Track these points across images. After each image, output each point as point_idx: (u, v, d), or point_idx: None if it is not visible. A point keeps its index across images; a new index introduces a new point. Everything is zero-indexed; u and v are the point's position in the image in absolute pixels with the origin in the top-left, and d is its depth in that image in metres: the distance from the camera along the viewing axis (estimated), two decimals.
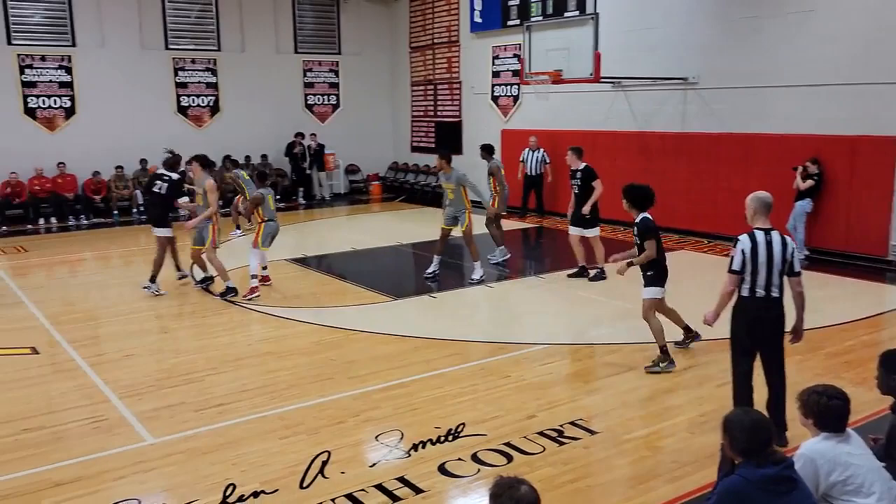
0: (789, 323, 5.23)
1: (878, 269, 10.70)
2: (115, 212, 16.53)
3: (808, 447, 3.62)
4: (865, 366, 6.95)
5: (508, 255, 11.44)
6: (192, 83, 18.03)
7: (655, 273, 6.77)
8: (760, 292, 5.03)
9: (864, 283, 10.08)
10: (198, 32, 18.01)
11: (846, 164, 11.13)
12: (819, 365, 6.77)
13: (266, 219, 9.87)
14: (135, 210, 16.60)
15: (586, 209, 9.95)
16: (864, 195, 10.97)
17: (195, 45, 17.97)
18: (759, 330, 5.13)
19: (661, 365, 6.73)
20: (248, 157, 18.40)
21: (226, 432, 5.63)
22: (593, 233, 10.07)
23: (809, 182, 11.13)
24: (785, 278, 5.09)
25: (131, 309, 9.36)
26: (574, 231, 10.16)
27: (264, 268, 10.09)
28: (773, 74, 11.94)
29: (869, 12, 10.77)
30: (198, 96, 18.15)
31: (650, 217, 6.73)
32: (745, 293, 5.08)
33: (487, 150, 11.75)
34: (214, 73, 18.24)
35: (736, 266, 5.02)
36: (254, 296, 9.45)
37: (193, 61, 17.97)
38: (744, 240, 5.04)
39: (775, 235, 5.06)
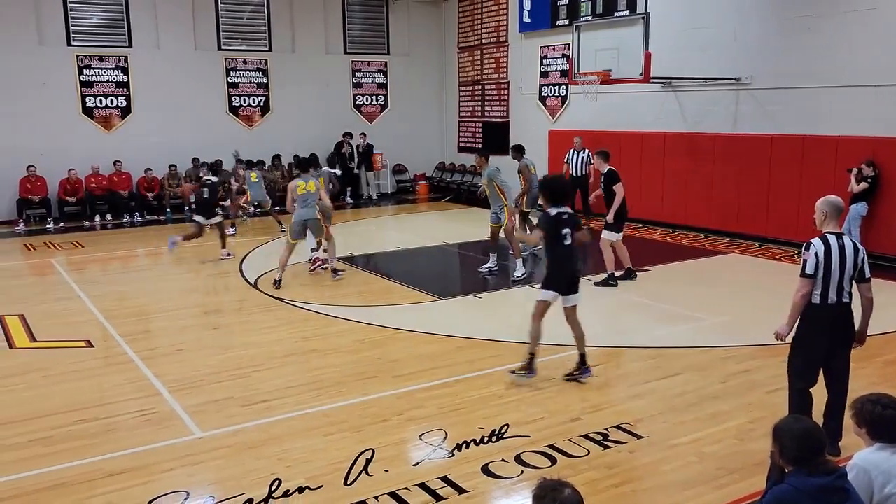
0: None
1: None
2: (168, 209, 16.90)
3: (862, 457, 3.52)
4: None
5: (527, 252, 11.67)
6: (244, 83, 18.35)
7: (548, 274, 6.49)
8: (833, 298, 4.88)
9: None
10: (249, 33, 18.33)
11: None
12: (875, 373, 6.58)
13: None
14: (186, 208, 16.94)
15: (610, 217, 9.86)
16: None
17: (247, 46, 18.29)
18: (834, 338, 4.98)
19: (518, 372, 6.53)
20: (296, 157, 18.61)
21: (271, 428, 5.71)
22: (609, 236, 9.89)
23: (863, 185, 10.81)
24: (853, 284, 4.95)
25: (182, 304, 9.57)
26: (604, 234, 10.06)
27: (313, 249, 11.02)
28: (830, 75, 11.63)
29: None
30: (249, 96, 18.46)
31: (552, 213, 6.35)
32: (816, 300, 4.89)
33: (518, 150, 11.97)
34: (265, 73, 18.54)
35: (809, 270, 4.84)
36: (315, 266, 10.84)
37: (245, 62, 18.29)
38: (817, 243, 4.87)
39: (847, 240, 4.91)
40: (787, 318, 5.01)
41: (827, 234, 4.92)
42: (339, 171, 14.49)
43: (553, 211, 6.39)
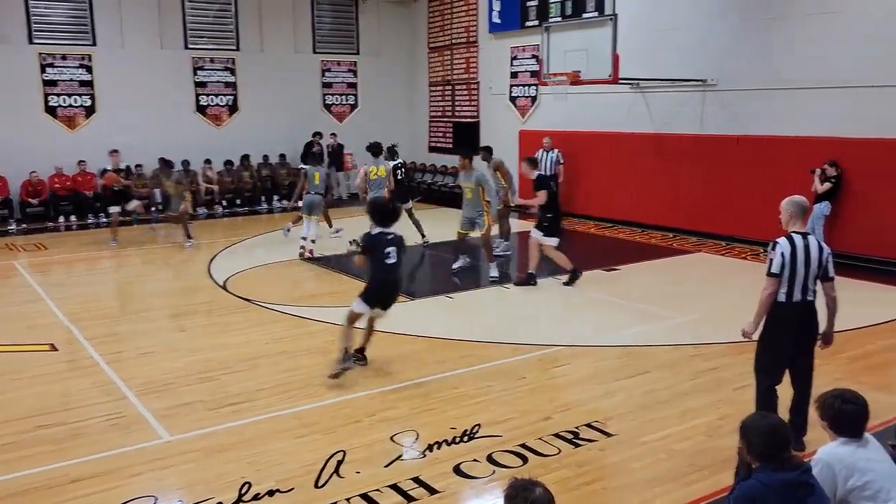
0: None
1: None
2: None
3: (826, 452, 3.59)
4: (886, 370, 6.89)
5: (510, 252, 12.04)
6: (211, 82, 18.15)
7: (366, 287, 6.76)
8: (798, 297, 4.96)
9: (883, 286, 9.99)
10: (217, 32, 18.13)
11: (866, 166, 11.00)
12: (839, 369, 6.70)
13: (308, 192, 12.09)
14: (153, 209, 16.70)
15: (513, 202, 11.13)
16: (884, 198, 10.83)
17: (214, 45, 18.10)
18: (799, 335, 5.07)
19: (336, 374, 6.55)
20: (265, 157, 18.52)
21: (241, 431, 5.66)
22: (549, 241, 9.96)
23: (827, 185, 11.02)
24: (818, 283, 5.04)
25: (149, 307, 9.45)
26: (535, 234, 10.13)
27: (313, 241, 11.90)
28: (793, 76, 11.81)
29: (892, 13, 10.64)
30: (216, 95, 18.26)
31: (374, 232, 6.75)
32: (782, 299, 4.97)
33: (488, 151, 12.46)
34: (233, 72, 18.36)
35: (776, 269, 4.92)
36: (306, 254, 11.73)
37: (212, 60, 18.10)
38: (783, 243, 4.95)
39: (812, 240, 5.00)
40: (753, 316, 5.09)
41: (792, 234, 5.00)
42: (400, 161, 13.50)
43: (375, 230, 6.75)
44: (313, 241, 11.92)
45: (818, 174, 11.08)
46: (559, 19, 15.31)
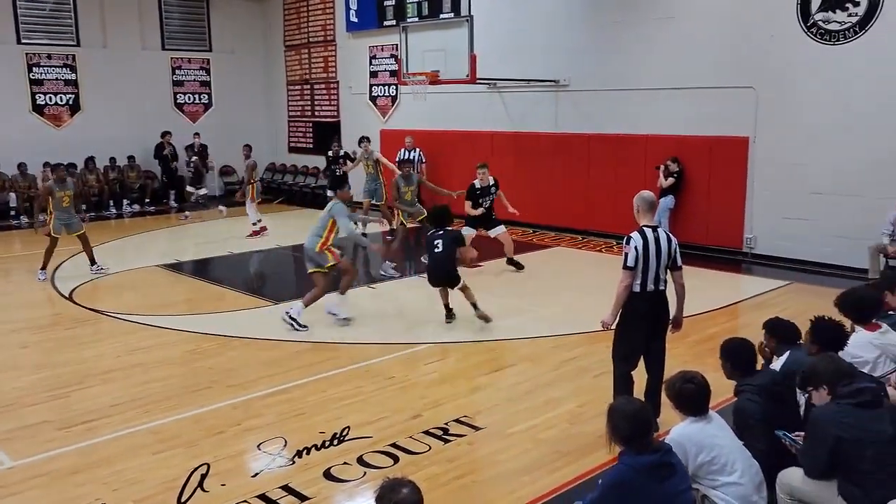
0: None
1: (734, 260, 11.49)
2: None
3: (678, 432, 3.83)
4: None
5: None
6: (49, 80, 16.89)
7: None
8: (651, 287, 5.24)
9: (722, 273, 10.78)
10: (53, 26, 16.89)
11: (704, 162, 11.82)
12: (686, 353, 7.14)
13: (256, 180, 14.26)
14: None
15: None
16: (721, 191, 11.68)
17: (50, 40, 16.85)
18: (653, 323, 5.35)
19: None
20: (113, 159, 17.50)
21: (95, 450, 5.32)
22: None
23: (671, 180, 11.77)
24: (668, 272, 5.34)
25: None
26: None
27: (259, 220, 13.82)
28: (637, 78, 12.48)
29: (724, 20, 11.44)
30: (55, 94, 17.03)
31: (429, 232, 8.02)
32: (636, 289, 5.22)
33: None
34: (73, 69, 17.17)
35: (630, 262, 5.17)
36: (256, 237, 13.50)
37: (49, 57, 16.85)
38: (636, 237, 5.20)
39: (661, 232, 5.30)
40: (611, 307, 5.34)
41: (644, 228, 5.29)
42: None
43: (430, 231, 8.16)
44: (259, 221, 13.79)
45: (662, 170, 11.81)
46: (416, 19, 15.41)
